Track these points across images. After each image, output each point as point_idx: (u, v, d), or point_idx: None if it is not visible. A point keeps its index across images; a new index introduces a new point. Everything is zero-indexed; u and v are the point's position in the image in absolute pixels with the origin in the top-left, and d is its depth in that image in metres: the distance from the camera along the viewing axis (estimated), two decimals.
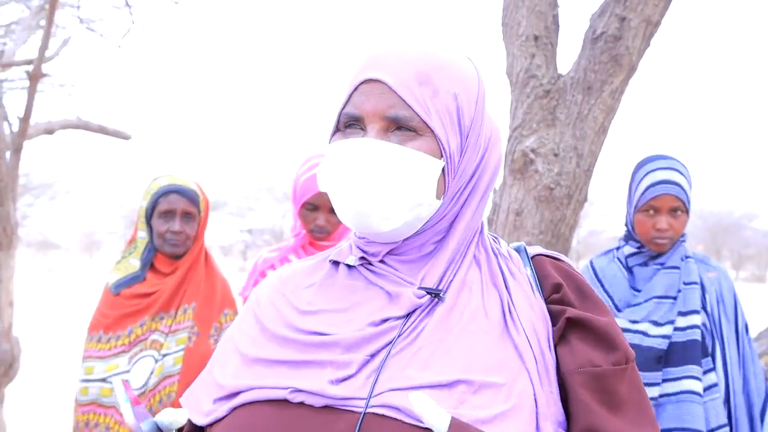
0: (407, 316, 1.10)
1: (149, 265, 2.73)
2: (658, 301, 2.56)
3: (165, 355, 2.55)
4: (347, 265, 1.21)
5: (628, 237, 2.71)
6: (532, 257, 1.24)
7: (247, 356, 1.14)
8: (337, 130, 1.17)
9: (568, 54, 3.02)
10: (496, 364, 1.05)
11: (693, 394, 2.42)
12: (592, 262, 2.79)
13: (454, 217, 1.18)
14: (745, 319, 2.64)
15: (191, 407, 1.17)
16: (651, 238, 2.59)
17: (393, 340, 1.07)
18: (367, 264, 1.19)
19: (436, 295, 1.11)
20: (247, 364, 1.13)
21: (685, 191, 2.57)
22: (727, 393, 2.51)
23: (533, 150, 2.85)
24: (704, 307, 2.56)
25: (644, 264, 2.66)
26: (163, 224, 2.66)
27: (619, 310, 2.61)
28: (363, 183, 1.09)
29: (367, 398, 1.02)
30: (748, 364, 2.58)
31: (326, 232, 2.75)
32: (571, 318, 1.12)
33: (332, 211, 2.70)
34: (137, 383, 2.51)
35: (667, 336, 2.50)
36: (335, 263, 1.23)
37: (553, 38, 3.00)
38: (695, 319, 2.51)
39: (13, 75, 7.12)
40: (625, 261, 2.69)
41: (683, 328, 2.51)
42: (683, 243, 2.65)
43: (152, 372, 2.52)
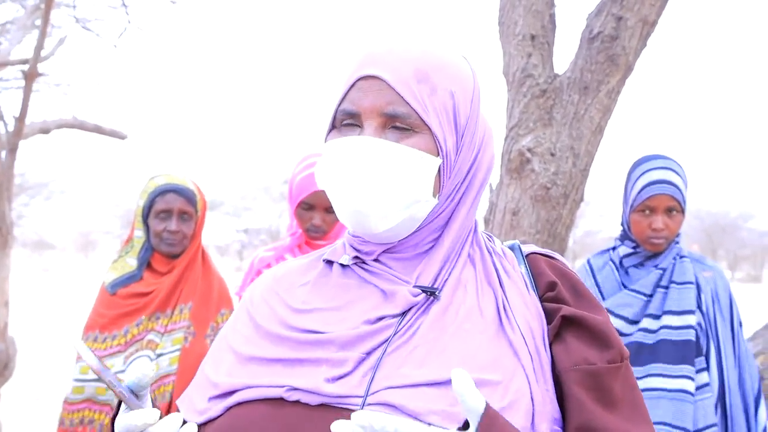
0: (403, 314, 1.10)
1: (146, 264, 2.72)
2: (628, 293, 2.58)
3: (160, 355, 2.54)
4: (341, 264, 1.21)
5: (624, 237, 2.71)
6: (526, 255, 1.24)
7: (241, 355, 1.14)
8: (333, 128, 1.16)
9: (564, 53, 3.03)
10: (491, 362, 1.05)
11: (686, 393, 2.43)
12: (590, 260, 2.80)
13: (449, 216, 1.18)
14: (740, 318, 2.65)
15: (185, 407, 1.16)
16: (647, 237, 2.59)
17: (389, 338, 1.07)
18: (361, 263, 1.19)
19: (431, 293, 1.11)
20: (242, 362, 1.13)
21: (680, 191, 2.58)
22: (722, 392, 2.52)
23: (530, 149, 2.85)
24: (699, 307, 2.57)
25: (640, 264, 2.66)
26: (159, 223, 2.65)
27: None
28: (361, 181, 1.08)
29: (363, 396, 1.01)
30: (743, 363, 2.59)
31: (322, 231, 2.75)
32: (567, 316, 1.13)
33: (328, 210, 2.70)
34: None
35: (629, 334, 2.53)
36: (329, 262, 1.23)
37: (549, 38, 3.00)
38: (690, 319, 2.52)
39: (8, 74, 7.12)
40: (620, 261, 2.70)
41: (676, 327, 2.51)
42: (677, 243, 2.65)
43: None
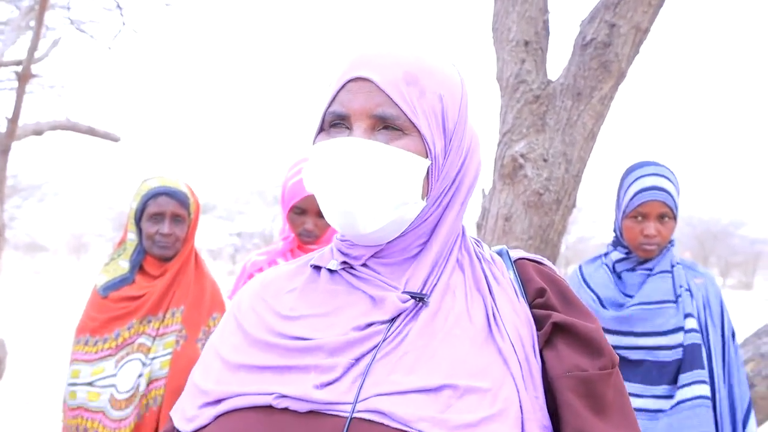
0: (392, 320, 1.10)
1: (138, 267, 2.70)
2: (658, 307, 2.56)
3: (153, 358, 2.53)
4: (329, 270, 1.20)
5: (617, 243, 2.72)
6: (514, 261, 1.24)
7: (230, 362, 1.13)
8: (321, 130, 1.16)
9: (557, 60, 3.04)
10: (480, 370, 1.05)
11: (705, 398, 2.42)
12: (581, 267, 2.80)
13: (437, 221, 1.18)
14: (731, 325, 2.65)
15: (177, 415, 1.16)
16: (639, 244, 2.60)
17: (378, 344, 1.07)
18: (349, 268, 1.18)
19: (420, 299, 1.11)
20: (231, 370, 1.12)
21: (673, 197, 2.58)
22: (713, 398, 2.51)
23: (523, 155, 2.86)
24: (691, 314, 2.57)
25: (632, 270, 2.67)
26: (152, 226, 2.64)
27: (604, 307, 2.61)
28: (350, 182, 1.08)
29: (353, 403, 1.01)
30: (733, 370, 2.59)
31: (314, 236, 2.75)
32: (558, 323, 1.13)
33: (320, 215, 2.70)
34: (124, 387, 2.48)
35: (680, 344, 2.50)
36: (317, 267, 1.23)
37: (543, 44, 3.01)
38: (694, 323, 2.52)
39: (2, 75, 7.10)
40: (612, 266, 2.70)
41: (688, 331, 2.51)
42: (671, 249, 2.66)
43: (141, 375, 2.49)
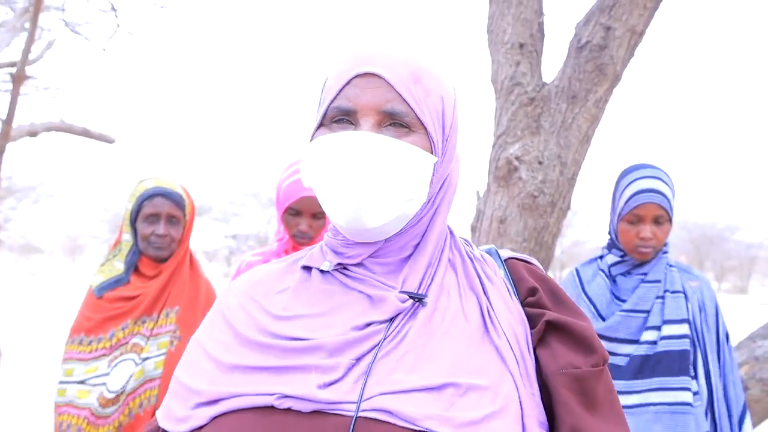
0: (390, 320, 1.10)
1: (133, 268, 2.70)
2: (625, 314, 2.57)
3: (146, 358, 2.53)
4: (320, 270, 1.20)
5: (612, 245, 2.72)
6: (504, 260, 1.25)
7: (222, 363, 1.12)
8: (321, 125, 1.16)
9: (553, 62, 3.04)
10: (479, 368, 1.06)
11: (687, 405, 2.43)
12: (578, 270, 2.79)
13: (429, 220, 1.19)
14: (726, 328, 2.65)
15: (163, 415, 1.16)
16: (634, 246, 2.60)
17: (378, 343, 1.07)
18: (342, 269, 1.18)
19: (419, 299, 1.12)
20: (224, 371, 1.11)
21: (668, 200, 2.58)
22: (711, 402, 2.52)
23: (517, 157, 2.86)
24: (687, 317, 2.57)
25: (627, 273, 2.67)
26: (147, 227, 2.64)
27: (603, 319, 2.61)
28: (362, 176, 1.08)
29: (357, 402, 1.01)
30: (727, 373, 2.59)
31: (308, 237, 2.75)
32: (551, 321, 1.14)
33: (315, 216, 2.70)
34: (115, 386, 2.49)
35: (628, 354, 2.52)
36: (307, 268, 1.22)
37: (538, 46, 3.02)
38: (684, 328, 2.52)
39: None
40: (608, 270, 2.70)
41: (675, 337, 2.51)
42: (666, 254, 2.66)
43: (131, 375, 2.50)
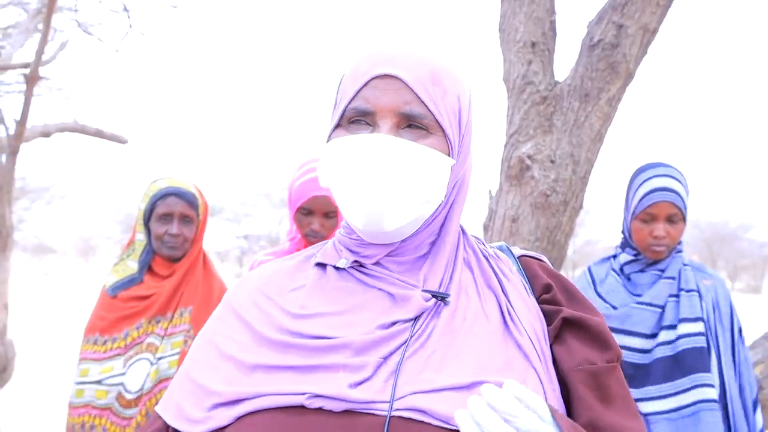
0: (415, 319, 1.10)
1: (147, 267, 2.71)
2: (639, 307, 2.55)
3: (160, 358, 2.54)
4: (335, 267, 1.19)
5: (625, 244, 2.71)
6: (518, 258, 1.26)
7: (241, 362, 1.11)
8: (337, 126, 1.15)
9: (565, 61, 3.03)
10: (504, 365, 1.06)
11: (711, 402, 2.40)
12: (590, 269, 2.79)
13: (444, 219, 1.19)
14: (740, 326, 2.64)
15: (171, 415, 1.13)
16: (648, 245, 2.59)
17: (405, 342, 1.07)
18: (359, 266, 1.18)
19: (442, 298, 1.12)
20: (243, 371, 1.10)
21: (682, 199, 2.57)
22: (724, 400, 2.51)
23: (530, 156, 2.85)
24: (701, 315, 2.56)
25: (642, 270, 2.66)
26: (161, 227, 2.65)
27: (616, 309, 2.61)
28: (382, 179, 1.08)
29: (390, 401, 1.01)
30: (743, 371, 2.58)
31: (321, 236, 2.75)
32: (567, 318, 1.15)
33: (327, 215, 2.70)
34: (133, 386, 2.50)
35: (640, 349, 2.50)
36: (322, 265, 1.22)
37: (550, 45, 3.01)
38: (700, 326, 2.51)
39: (10, 78, 7.13)
40: (621, 269, 2.69)
41: (692, 335, 2.49)
42: (680, 252, 2.65)
43: (148, 375, 2.50)
